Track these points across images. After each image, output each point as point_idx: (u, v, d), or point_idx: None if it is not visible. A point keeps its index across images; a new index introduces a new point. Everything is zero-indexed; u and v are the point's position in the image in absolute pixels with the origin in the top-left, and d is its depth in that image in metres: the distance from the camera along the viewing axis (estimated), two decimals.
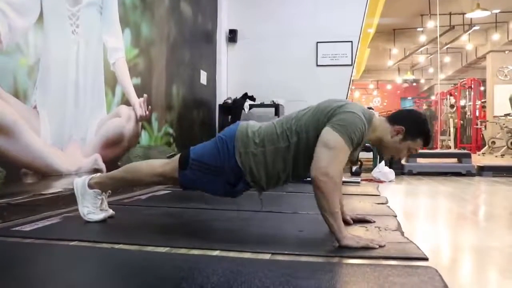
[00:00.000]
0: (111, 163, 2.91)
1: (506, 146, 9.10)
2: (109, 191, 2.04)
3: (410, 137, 1.74)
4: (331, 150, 1.57)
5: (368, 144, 4.90)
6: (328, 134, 1.60)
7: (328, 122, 1.63)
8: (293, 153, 1.70)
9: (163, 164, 1.90)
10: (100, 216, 1.95)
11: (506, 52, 12.69)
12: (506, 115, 9.85)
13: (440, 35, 10.36)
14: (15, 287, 1.15)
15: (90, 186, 1.95)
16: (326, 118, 1.65)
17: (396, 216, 2.22)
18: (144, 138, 3.41)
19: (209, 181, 1.76)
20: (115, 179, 2.00)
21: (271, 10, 5.67)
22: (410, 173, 5.22)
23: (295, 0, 5.64)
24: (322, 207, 1.56)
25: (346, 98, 5.56)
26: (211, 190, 1.84)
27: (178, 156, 1.85)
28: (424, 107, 15.55)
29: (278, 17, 5.65)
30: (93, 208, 1.95)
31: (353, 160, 1.93)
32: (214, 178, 1.75)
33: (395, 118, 1.77)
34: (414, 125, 1.75)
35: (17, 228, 1.82)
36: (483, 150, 10.19)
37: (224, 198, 1.90)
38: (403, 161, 5.58)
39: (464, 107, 12.60)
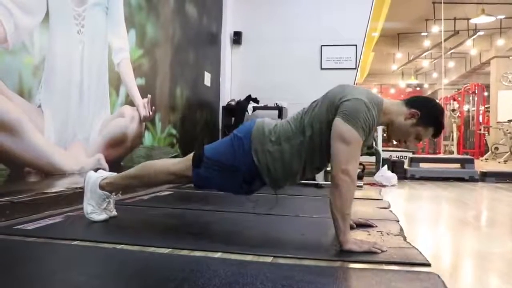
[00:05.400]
0: (114, 163, 2.92)
1: (509, 152, 9.07)
2: (119, 193, 2.04)
3: (423, 124, 1.71)
4: (348, 146, 1.56)
5: (372, 150, 4.94)
6: (342, 127, 1.58)
7: (338, 113, 1.61)
8: (308, 146, 1.68)
9: (176, 162, 1.89)
10: (101, 217, 1.96)
11: (511, 57, 12.67)
12: (509, 121, 9.83)
13: (445, 40, 10.36)
14: (17, 286, 1.16)
15: (101, 187, 1.95)
16: (334, 108, 1.63)
17: (398, 221, 2.21)
18: (147, 138, 3.42)
19: (224, 179, 1.75)
20: (127, 178, 1.98)
21: (276, 13, 5.68)
22: (413, 178, 5.20)
23: (300, 3, 5.64)
24: (336, 206, 1.55)
25: None
26: (226, 188, 1.83)
27: (191, 154, 1.82)
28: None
29: (283, 20, 5.65)
30: (97, 207, 1.95)
31: (368, 145, 1.90)
32: (229, 176, 1.73)
33: (412, 102, 1.74)
34: (429, 113, 1.72)
35: (19, 227, 1.83)
36: (486, 156, 10.16)
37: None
38: (405, 166, 5.57)
39: (467, 112, 12.57)
